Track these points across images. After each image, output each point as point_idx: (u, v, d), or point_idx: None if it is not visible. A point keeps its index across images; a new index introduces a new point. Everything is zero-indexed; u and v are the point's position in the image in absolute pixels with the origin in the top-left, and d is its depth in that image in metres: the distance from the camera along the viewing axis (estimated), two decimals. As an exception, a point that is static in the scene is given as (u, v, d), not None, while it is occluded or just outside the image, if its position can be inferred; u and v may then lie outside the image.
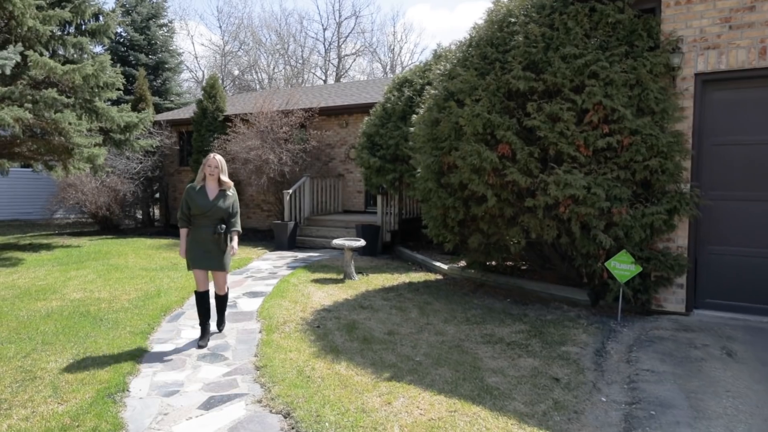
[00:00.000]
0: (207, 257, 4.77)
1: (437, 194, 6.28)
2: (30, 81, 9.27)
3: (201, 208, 4.67)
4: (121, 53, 19.25)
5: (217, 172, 4.75)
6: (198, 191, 4.73)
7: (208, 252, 4.76)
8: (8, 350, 4.60)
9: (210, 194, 4.75)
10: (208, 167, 4.73)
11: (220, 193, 4.79)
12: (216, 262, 4.81)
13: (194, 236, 4.76)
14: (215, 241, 4.74)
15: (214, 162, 4.75)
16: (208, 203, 4.69)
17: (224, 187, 4.82)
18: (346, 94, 14.92)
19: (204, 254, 4.76)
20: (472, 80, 5.67)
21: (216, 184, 4.80)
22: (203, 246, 4.74)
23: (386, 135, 9.49)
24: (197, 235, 4.75)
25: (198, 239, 4.75)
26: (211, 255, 4.77)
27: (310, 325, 5.38)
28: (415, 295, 6.72)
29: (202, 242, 4.74)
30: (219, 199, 4.75)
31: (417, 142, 6.72)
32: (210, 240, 4.72)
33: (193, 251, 4.77)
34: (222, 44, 32.68)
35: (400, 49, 38.54)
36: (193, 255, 4.77)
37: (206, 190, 4.75)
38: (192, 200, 4.70)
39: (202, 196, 4.71)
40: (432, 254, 9.53)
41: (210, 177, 4.75)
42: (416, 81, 9.50)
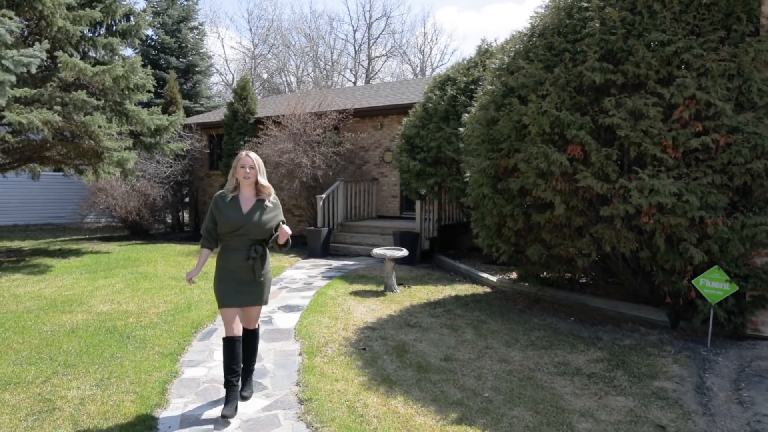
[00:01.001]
0: (242, 291, 3.58)
1: (492, 201, 5.67)
2: (60, 83, 8.99)
3: (232, 223, 3.49)
4: (152, 56, 19.13)
5: (253, 175, 3.51)
6: (229, 202, 3.55)
7: (243, 283, 3.57)
8: (28, 373, 4.16)
9: (244, 205, 3.55)
10: (241, 168, 3.51)
11: (258, 204, 3.56)
12: (254, 296, 3.63)
13: (224, 262, 3.58)
14: (250, 267, 3.54)
15: (248, 161, 3.52)
16: (241, 218, 3.51)
17: (263, 194, 3.58)
18: (380, 95, 14.41)
19: (238, 286, 3.56)
20: (538, 74, 5.05)
21: (252, 191, 3.58)
22: (236, 275, 3.55)
23: (427, 137, 8.91)
24: (227, 260, 3.56)
25: (229, 266, 3.55)
26: (247, 287, 3.58)
27: (354, 347, 4.83)
28: (465, 311, 6.11)
29: (235, 270, 3.55)
30: (256, 212, 3.54)
31: (470, 144, 6.13)
32: (244, 267, 3.53)
33: (224, 283, 3.56)
34: (252, 47, 32.65)
35: (430, 50, 37.98)
36: (224, 288, 3.55)
37: (239, 200, 3.56)
38: (221, 213, 3.53)
39: (233, 208, 3.53)
40: (475, 264, 8.91)
41: (244, 182, 3.54)
42: (460, 79, 8.90)
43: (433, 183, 9.00)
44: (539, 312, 6.01)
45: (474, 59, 9.22)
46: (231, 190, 3.61)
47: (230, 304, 3.58)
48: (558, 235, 5.37)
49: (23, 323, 5.55)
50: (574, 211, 5.03)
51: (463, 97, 8.67)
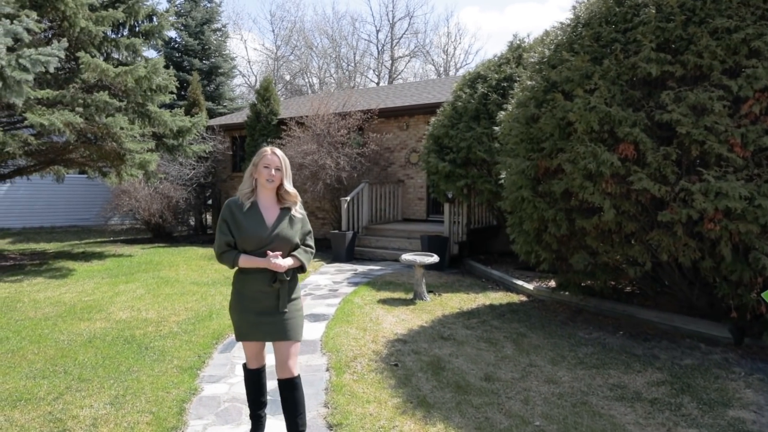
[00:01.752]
0: (265, 322, 2.84)
1: (533, 204, 5.27)
2: (83, 84, 8.85)
3: (256, 240, 2.78)
4: (175, 58, 19.10)
5: (278, 178, 2.83)
6: (246, 212, 2.82)
7: (266, 313, 2.83)
8: (40, 388, 3.91)
9: (267, 215, 2.85)
10: (265, 169, 2.81)
11: (283, 213, 2.88)
12: (280, 327, 2.84)
13: (242, 287, 2.88)
14: (274, 294, 2.84)
15: (273, 160, 2.82)
16: (264, 231, 2.80)
17: (288, 201, 2.90)
18: (405, 94, 14.06)
19: (259, 317, 2.84)
20: (584, 66, 4.64)
21: (273, 197, 2.89)
22: (258, 304, 2.84)
23: (457, 137, 8.52)
24: (246, 285, 2.86)
25: (249, 293, 2.85)
26: (270, 317, 2.84)
27: (385, 362, 4.48)
28: (502, 322, 5.71)
29: (256, 298, 2.84)
30: (281, 223, 2.85)
31: (507, 143, 5.73)
32: (267, 294, 2.83)
33: (243, 314, 2.87)
34: (274, 49, 32.60)
35: (453, 50, 37.38)
36: (243, 319, 2.87)
37: (259, 209, 2.85)
38: (240, 227, 2.79)
39: (252, 218, 2.82)
40: (508, 270, 8.48)
41: (266, 185, 2.82)
42: (491, 76, 8.50)
43: (463, 185, 8.61)
44: (583, 324, 5.58)
45: (506, 55, 8.81)
46: (247, 195, 2.86)
47: (251, 338, 2.93)
48: (605, 241, 4.94)
49: (40, 331, 5.33)
50: (626, 216, 4.60)
51: (494, 95, 8.27)
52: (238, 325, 2.95)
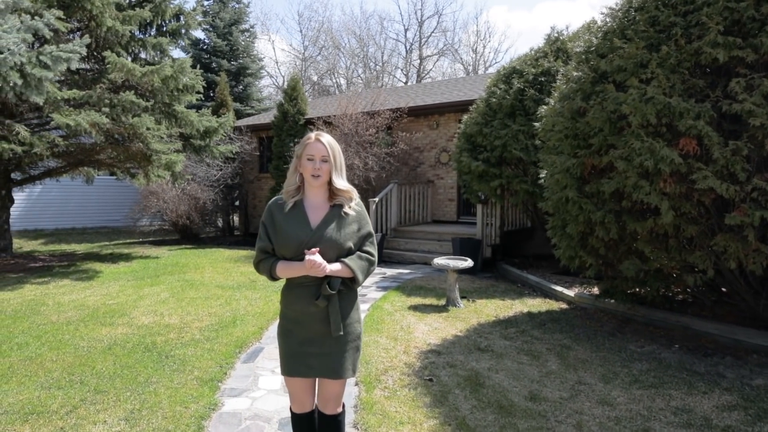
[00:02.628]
0: (311, 352, 2.33)
1: (578, 206, 4.85)
2: (110, 85, 8.77)
3: (295, 244, 2.27)
4: (204, 60, 19.14)
5: (326, 171, 2.30)
6: (289, 213, 2.33)
7: (313, 341, 2.32)
8: (54, 400, 3.69)
9: (312, 215, 2.34)
10: (309, 161, 2.29)
11: (333, 212, 2.35)
12: (329, 361, 2.32)
13: (286, 306, 2.39)
14: (323, 314, 2.29)
15: (318, 149, 2.30)
16: (307, 234, 2.28)
17: (340, 197, 2.36)
18: (435, 93, 13.68)
19: (304, 345, 2.33)
20: (639, 54, 4.21)
21: (324, 195, 2.37)
22: (303, 327, 2.32)
23: (491, 135, 8.12)
24: (290, 303, 2.36)
25: (292, 313, 2.35)
26: (318, 346, 2.32)
27: (418, 376, 4.14)
28: (543, 332, 5.30)
29: (300, 319, 2.32)
30: (330, 224, 2.31)
31: (549, 140, 5.32)
32: (312, 314, 2.29)
33: (286, 339, 2.37)
34: (302, 49, 32.61)
35: (483, 48, 36.85)
36: (287, 348, 2.37)
37: (304, 209, 2.35)
38: (278, 230, 2.31)
39: (296, 220, 2.31)
40: (545, 274, 8.04)
41: (313, 181, 2.31)
42: (527, 71, 8.07)
43: (497, 185, 8.20)
44: (633, 336, 5.13)
45: (543, 49, 8.37)
46: (291, 193, 2.36)
47: (295, 373, 2.35)
48: (660, 247, 4.50)
49: (61, 337, 5.16)
50: (685, 218, 4.15)
51: (531, 90, 7.84)
52: (281, 355, 2.41)
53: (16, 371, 4.24)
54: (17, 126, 7.49)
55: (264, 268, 2.35)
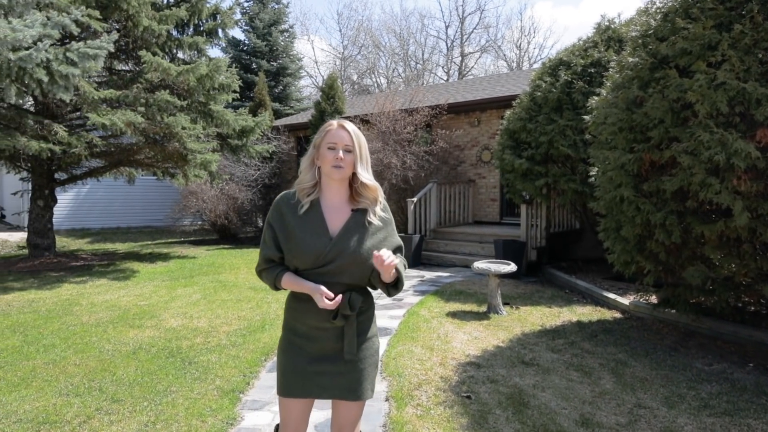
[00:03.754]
0: (323, 372, 2.01)
1: (635, 206, 4.36)
2: (147, 84, 8.76)
3: (307, 253, 1.93)
4: (244, 60, 19.25)
5: (350, 163, 1.95)
6: (304, 215, 1.97)
7: (325, 359, 2.01)
8: (70, 408, 3.52)
9: (331, 219, 1.99)
10: (329, 151, 1.94)
11: (356, 218, 2.00)
12: (346, 381, 2.01)
13: (294, 320, 2.05)
14: (338, 332, 1.99)
15: (341, 137, 1.95)
16: (326, 244, 1.94)
17: (363, 198, 2.01)
18: (476, 89, 13.21)
19: (315, 364, 2.01)
20: (707, 35, 3.71)
21: (345, 193, 2.03)
22: (314, 344, 2.01)
23: (536, 131, 7.63)
24: (299, 317, 2.03)
25: (303, 328, 2.02)
26: (331, 365, 2.01)
27: (455, 393, 3.77)
28: (595, 345, 4.83)
29: (312, 336, 2.01)
30: (354, 234, 1.96)
31: (601, 134, 4.84)
32: (327, 332, 1.99)
33: (292, 356, 2.03)
34: (341, 49, 32.59)
35: (527, 44, 35.78)
36: (292, 365, 2.03)
37: (321, 211, 1.99)
38: (289, 235, 1.96)
39: (309, 224, 1.97)
40: (595, 279, 7.49)
41: (333, 174, 1.95)
42: (576, 62, 7.54)
43: (542, 184, 7.70)
44: (699, 351, 4.59)
45: (593, 38, 7.81)
46: (307, 191, 2.00)
47: (299, 393, 2.02)
48: (730, 252, 3.98)
49: (88, 339, 5.05)
50: (762, 221, 3.63)
51: (580, 82, 7.31)
52: (282, 373, 2.05)
53: (37, 375, 4.12)
54: (56, 126, 7.53)
55: (267, 277, 2.03)
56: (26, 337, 5.09)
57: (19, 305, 6.41)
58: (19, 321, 5.68)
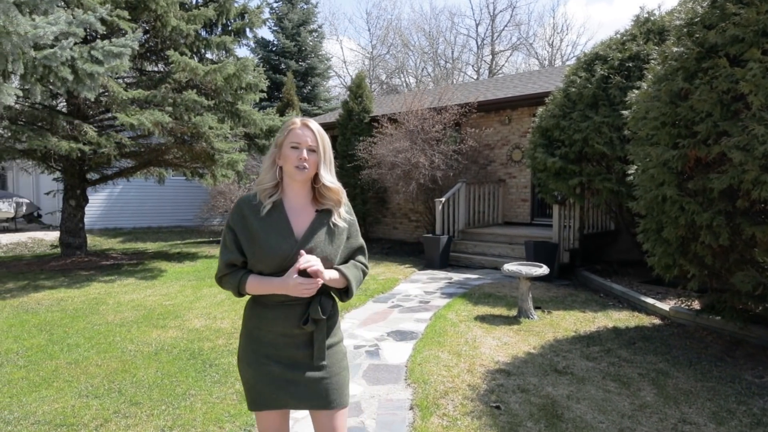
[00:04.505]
0: (295, 380, 1.88)
1: (679, 206, 4.08)
2: (175, 84, 8.79)
3: (273, 256, 1.83)
4: (273, 61, 19.32)
5: (313, 163, 1.87)
6: (266, 216, 1.87)
7: (295, 367, 1.89)
8: (88, 410, 3.45)
9: (296, 221, 1.90)
10: (293, 150, 1.86)
11: (320, 218, 1.92)
12: (319, 389, 1.90)
13: (257, 328, 1.91)
14: (308, 338, 1.89)
15: (305, 137, 1.86)
16: (289, 244, 1.85)
17: (327, 200, 1.93)
18: (507, 86, 12.90)
19: (286, 372, 1.88)
20: (762, 19, 3.42)
21: (308, 194, 1.94)
22: (281, 353, 1.89)
23: (569, 128, 7.34)
24: (264, 325, 1.89)
25: (268, 336, 1.89)
26: (303, 374, 1.88)
27: (483, 402, 3.56)
28: (633, 353, 4.55)
29: (278, 343, 1.89)
30: (317, 232, 1.89)
31: (641, 129, 4.56)
32: (296, 338, 1.89)
33: (259, 367, 1.89)
34: (370, 48, 32.52)
35: (560, 41, 35.07)
36: (260, 377, 1.89)
37: (284, 211, 1.90)
38: (251, 237, 1.86)
39: (274, 226, 1.86)
40: (632, 283, 7.15)
41: (295, 177, 1.88)
42: (613, 56, 7.21)
43: (576, 183, 7.40)
44: (748, 362, 4.27)
45: (631, 31, 7.47)
46: (268, 191, 1.90)
47: (272, 405, 1.91)
48: (785, 255, 3.66)
49: (111, 339, 5.02)
50: (823, 221, 3.32)
51: (617, 77, 6.99)
52: (250, 386, 1.92)
53: (59, 375, 4.08)
54: (85, 126, 7.60)
55: (230, 283, 1.89)
56: (52, 336, 5.10)
57: (48, 303, 6.47)
58: (47, 319, 5.71)
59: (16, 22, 3.33)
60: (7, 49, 3.39)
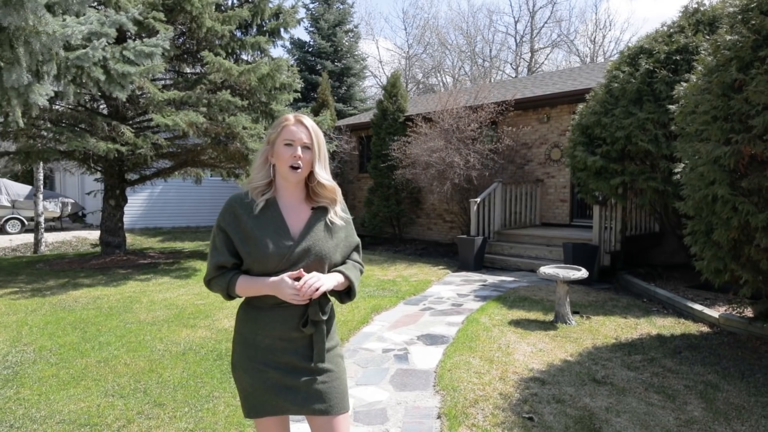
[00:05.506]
0: (293, 386, 1.79)
1: (731, 206, 3.78)
2: (210, 85, 8.87)
3: (270, 256, 1.75)
4: (309, 62, 19.41)
5: (307, 161, 1.79)
6: (260, 214, 1.79)
7: (293, 372, 1.79)
8: (112, 410, 3.44)
9: (291, 219, 1.82)
10: (286, 147, 1.77)
11: (316, 216, 1.84)
12: (319, 393, 1.80)
13: (252, 332, 1.81)
14: (306, 341, 1.80)
15: (299, 134, 1.77)
16: (286, 243, 1.77)
17: (322, 198, 1.85)
18: (546, 83, 12.54)
19: (284, 378, 1.78)
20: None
21: (302, 192, 1.87)
22: (278, 358, 1.79)
23: (611, 125, 7.00)
24: (260, 328, 1.80)
25: (265, 341, 1.79)
26: (301, 379, 1.79)
27: (515, 412, 3.37)
28: (678, 363, 4.26)
29: (275, 348, 1.79)
30: (314, 230, 1.81)
31: (690, 125, 4.26)
32: (293, 341, 1.79)
33: (255, 373, 1.79)
34: (406, 48, 32.36)
35: (602, 37, 34.08)
36: (257, 383, 1.79)
37: (279, 209, 1.82)
38: (245, 236, 1.77)
39: (269, 224, 1.78)
40: (677, 288, 6.78)
41: (289, 176, 1.80)
42: (659, 49, 6.85)
43: (618, 183, 7.06)
44: (807, 377, 3.93)
45: (678, 23, 7.08)
46: (261, 189, 1.82)
47: (271, 411, 1.81)
48: None
49: (142, 338, 5.05)
50: None
51: (663, 71, 6.63)
52: (248, 393, 1.81)
53: (88, 374, 4.11)
54: (123, 127, 7.73)
55: (219, 286, 1.81)
56: (85, 334, 5.17)
57: (85, 301, 6.59)
58: (82, 317, 5.81)
59: (45, 21, 3.36)
60: (36, 49, 3.43)
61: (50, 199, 14.55)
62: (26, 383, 3.92)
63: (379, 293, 6.99)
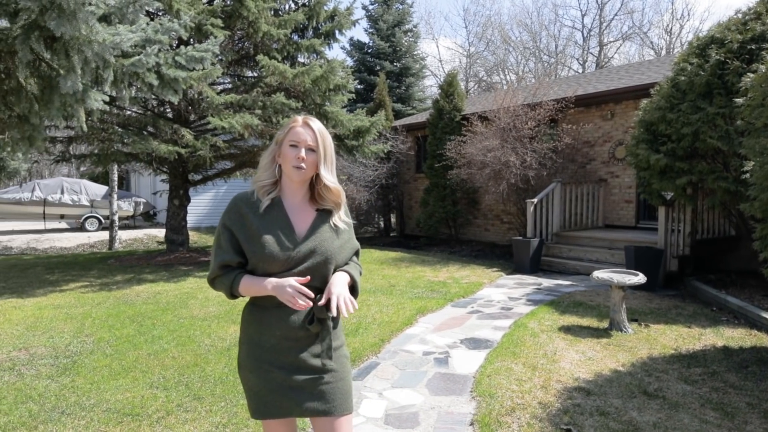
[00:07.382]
0: (299, 386, 1.78)
1: (803, 207, 3.42)
2: (266, 89, 9.11)
3: (275, 256, 1.75)
4: (368, 63, 19.55)
5: (312, 163, 1.79)
6: (265, 214, 1.79)
7: (300, 371, 1.78)
8: (154, 402, 3.58)
9: (297, 219, 1.83)
10: (291, 148, 1.77)
11: (321, 218, 1.86)
12: (325, 394, 1.80)
13: (258, 332, 1.81)
14: (312, 339, 1.80)
15: (304, 135, 1.78)
16: (291, 244, 1.78)
17: (326, 200, 1.86)
18: (610, 78, 11.95)
19: (289, 378, 1.78)
20: None
21: (306, 193, 1.88)
22: (284, 358, 1.78)
23: (677, 121, 6.55)
24: (266, 328, 1.80)
25: (271, 340, 1.79)
26: (307, 379, 1.79)
27: (553, 423, 3.21)
28: (743, 378, 3.91)
29: (281, 348, 1.78)
30: (319, 231, 1.83)
31: (758, 119, 3.90)
32: (299, 340, 1.79)
33: (262, 373, 1.78)
34: (467, 46, 31.87)
35: (680, 28, 32.01)
36: (263, 383, 1.79)
37: (284, 209, 1.83)
38: (250, 236, 1.77)
39: (274, 223, 1.78)
40: (753, 296, 6.24)
41: (294, 177, 1.80)
42: (731, 38, 6.33)
43: (685, 183, 6.59)
44: None
45: (755, 9, 6.51)
46: (267, 188, 1.83)
47: (277, 413, 1.80)
48: None
49: (192, 333, 5.24)
50: None
51: (736, 61, 6.12)
52: (254, 393, 1.82)
53: (137, 365, 4.30)
54: (183, 130, 8.08)
55: (222, 284, 1.81)
56: (141, 327, 5.43)
57: (146, 296, 6.93)
58: (141, 311, 6.11)
59: (95, 30, 3.55)
60: (89, 56, 3.63)
61: (124, 198, 15.49)
62: (82, 372, 4.15)
63: (427, 294, 6.90)
